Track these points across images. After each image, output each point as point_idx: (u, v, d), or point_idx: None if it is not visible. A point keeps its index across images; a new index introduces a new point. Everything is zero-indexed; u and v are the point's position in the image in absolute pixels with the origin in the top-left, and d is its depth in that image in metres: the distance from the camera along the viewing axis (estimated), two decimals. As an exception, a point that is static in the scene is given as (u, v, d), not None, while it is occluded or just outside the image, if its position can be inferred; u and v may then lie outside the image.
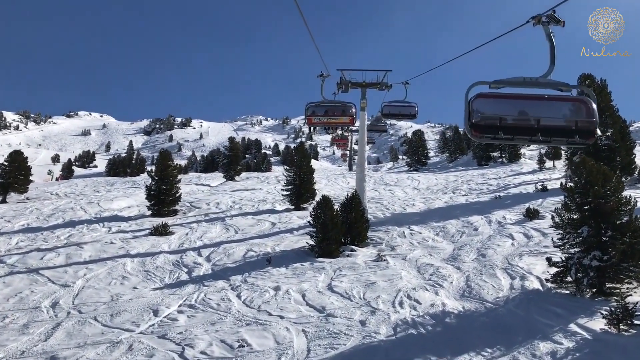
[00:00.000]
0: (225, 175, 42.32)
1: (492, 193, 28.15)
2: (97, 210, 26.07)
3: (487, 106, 6.73)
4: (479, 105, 6.67)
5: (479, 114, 6.65)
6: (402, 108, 20.23)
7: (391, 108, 20.39)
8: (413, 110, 20.47)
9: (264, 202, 26.68)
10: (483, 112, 6.66)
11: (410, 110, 20.28)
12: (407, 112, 20.43)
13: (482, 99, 6.69)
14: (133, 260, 16.31)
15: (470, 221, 19.69)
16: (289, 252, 16.70)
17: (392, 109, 20.36)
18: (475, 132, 6.68)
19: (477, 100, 6.67)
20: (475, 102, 6.66)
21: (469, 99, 6.68)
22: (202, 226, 20.64)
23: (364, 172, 20.80)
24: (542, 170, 36.98)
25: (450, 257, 15.71)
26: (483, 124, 6.64)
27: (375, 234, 18.48)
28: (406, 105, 20.43)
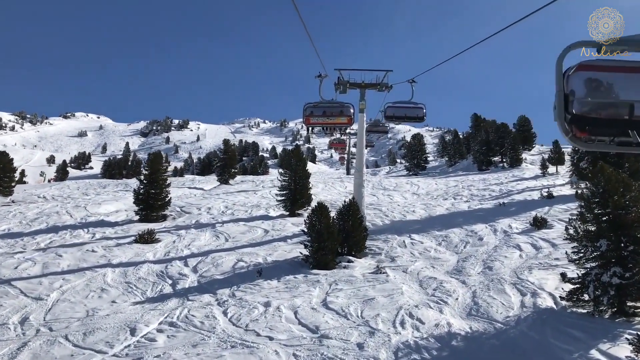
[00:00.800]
0: (219, 179, 41.17)
1: (495, 199, 27.14)
2: (84, 215, 24.96)
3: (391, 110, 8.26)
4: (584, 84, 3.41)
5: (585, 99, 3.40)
6: (408, 110, 17.33)
7: (395, 110, 17.34)
8: (420, 113, 17.27)
9: (257, 207, 25.60)
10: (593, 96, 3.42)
11: (417, 112, 17.19)
12: (414, 114, 17.33)
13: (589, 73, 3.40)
14: (114, 270, 15.23)
15: (474, 230, 18.67)
16: (281, 262, 15.63)
17: (396, 111, 17.29)
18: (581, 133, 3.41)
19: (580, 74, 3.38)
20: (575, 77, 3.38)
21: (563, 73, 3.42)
22: (190, 233, 19.56)
23: (362, 178, 19.76)
24: (545, 175, 36.01)
25: (454, 269, 14.67)
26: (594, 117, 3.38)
27: (374, 243, 17.43)
28: (412, 107, 17.46)
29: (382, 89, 20.39)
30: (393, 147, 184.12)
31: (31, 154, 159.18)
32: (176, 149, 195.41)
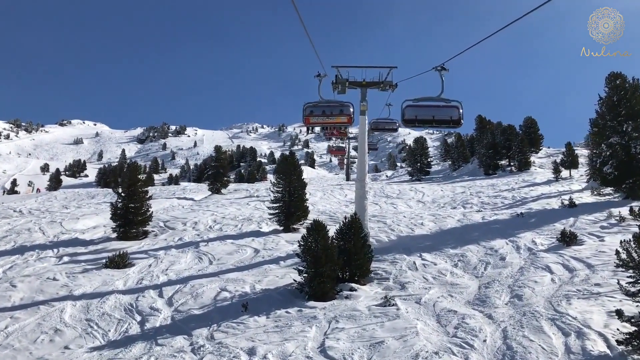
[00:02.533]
0: (210, 188, 38.84)
1: (509, 208, 24.86)
2: (57, 232, 22.63)
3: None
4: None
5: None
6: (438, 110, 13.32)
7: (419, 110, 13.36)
8: (456, 114, 13.32)
9: (249, 220, 23.26)
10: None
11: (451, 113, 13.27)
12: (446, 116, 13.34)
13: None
14: (75, 304, 12.91)
15: (494, 247, 16.34)
16: (272, 291, 13.30)
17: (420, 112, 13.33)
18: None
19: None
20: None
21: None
22: (170, 254, 17.21)
23: (364, 188, 17.45)
24: (559, 180, 33.76)
25: (476, 298, 12.34)
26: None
27: (380, 266, 15.10)
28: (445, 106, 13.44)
29: (386, 88, 18.15)
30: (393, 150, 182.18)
31: (25, 162, 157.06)
32: (173, 155, 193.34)
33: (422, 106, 13.71)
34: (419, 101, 13.70)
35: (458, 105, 13.72)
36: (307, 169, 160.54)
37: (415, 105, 13.68)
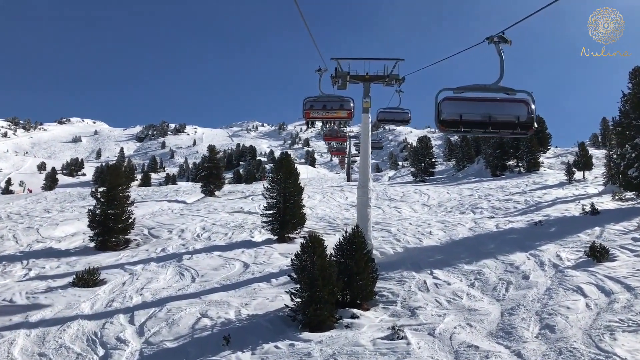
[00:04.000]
0: (203, 190, 36.91)
1: (523, 214, 22.97)
2: (32, 240, 20.79)
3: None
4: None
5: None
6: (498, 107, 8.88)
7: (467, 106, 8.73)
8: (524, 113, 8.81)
9: (240, 228, 21.37)
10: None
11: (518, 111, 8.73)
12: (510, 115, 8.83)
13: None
14: (30, 332, 11.05)
15: (514, 262, 14.44)
16: (260, 318, 11.41)
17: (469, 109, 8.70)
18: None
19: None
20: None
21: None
22: (148, 269, 15.31)
23: (367, 195, 15.56)
24: (572, 182, 31.82)
25: (500, 329, 10.43)
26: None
27: (386, 286, 13.20)
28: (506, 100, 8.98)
29: (392, 82, 16.26)
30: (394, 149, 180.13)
31: (22, 160, 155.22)
32: (172, 153, 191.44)
33: (470, 100, 8.73)
34: (464, 90, 8.73)
35: (527, 98, 8.89)
36: (307, 168, 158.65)
37: (458, 98, 8.73)
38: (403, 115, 19.31)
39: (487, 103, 8.94)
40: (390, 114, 19.25)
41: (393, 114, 19.22)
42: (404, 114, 19.34)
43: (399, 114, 19.26)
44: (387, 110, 19.26)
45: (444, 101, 8.75)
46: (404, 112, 19.34)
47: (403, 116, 19.30)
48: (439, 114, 8.72)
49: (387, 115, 19.27)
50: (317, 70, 15.04)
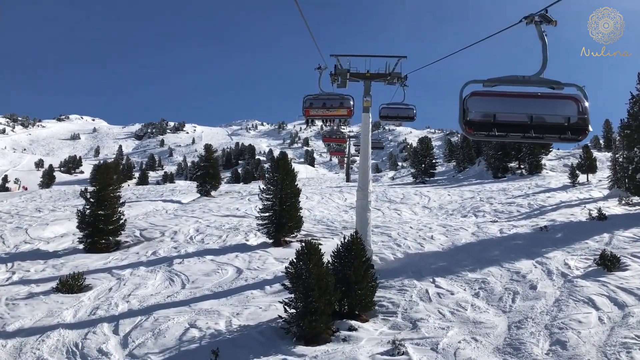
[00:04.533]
0: (199, 190, 36.19)
1: (527, 218, 22.31)
2: (20, 241, 20.10)
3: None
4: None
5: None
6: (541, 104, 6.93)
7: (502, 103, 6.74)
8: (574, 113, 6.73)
9: (235, 230, 20.66)
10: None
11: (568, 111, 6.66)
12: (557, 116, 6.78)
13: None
14: (6, 343, 10.35)
15: (520, 270, 13.76)
16: (252, 330, 10.72)
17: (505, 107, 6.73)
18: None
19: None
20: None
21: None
22: (137, 274, 14.61)
23: (367, 199, 14.88)
24: (576, 185, 31.15)
25: (507, 344, 9.77)
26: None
27: (386, 295, 12.51)
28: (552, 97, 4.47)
29: (393, 80, 15.60)
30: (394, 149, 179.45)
31: (20, 158, 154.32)
32: (171, 152, 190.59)
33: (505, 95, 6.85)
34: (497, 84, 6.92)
35: (578, 94, 7.00)
36: (306, 168, 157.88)
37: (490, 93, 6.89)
38: (407, 112, 17.86)
39: (527, 100, 6.94)
40: (393, 110, 17.85)
41: (397, 109, 17.85)
42: (408, 109, 17.91)
43: (403, 109, 17.88)
44: (391, 106, 17.89)
45: (472, 97, 6.73)
46: (408, 107, 17.94)
47: (408, 112, 17.85)
48: (464, 114, 6.72)
49: (390, 112, 17.84)
50: (317, 68, 14.72)
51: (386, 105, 17.77)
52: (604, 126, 58.81)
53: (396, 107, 17.73)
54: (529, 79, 6.86)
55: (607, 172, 31.97)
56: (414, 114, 17.87)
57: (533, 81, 6.89)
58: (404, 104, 17.76)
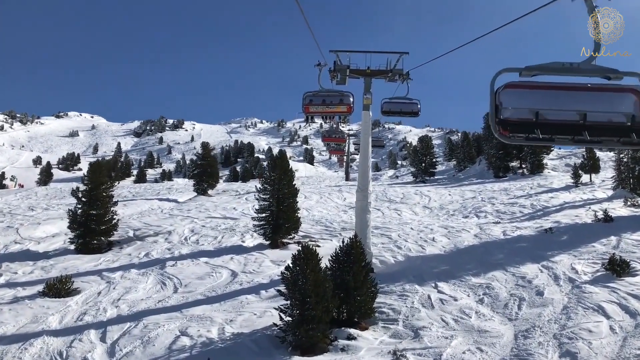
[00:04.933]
0: (196, 189, 35.62)
1: (530, 219, 21.80)
2: (10, 241, 19.57)
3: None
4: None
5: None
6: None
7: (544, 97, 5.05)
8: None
9: (231, 231, 20.13)
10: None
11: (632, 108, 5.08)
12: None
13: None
14: (-13, 351, 9.83)
15: (525, 275, 13.25)
16: (245, 338, 10.21)
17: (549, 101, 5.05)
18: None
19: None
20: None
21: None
22: (128, 277, 14.08)
23: (367, 199, 14.35)
24: (579, 186, 30.62)
25: (514, 355, 9.27)
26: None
27: (386, 301, 12.00)
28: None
29: (395, 77, 15.08)
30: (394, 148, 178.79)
31: (18, 154, 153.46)
32: (169, 149, 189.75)
33: (549, 88, 5.31)
34: (538, 72, 5.38)
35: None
36: (305, 166, 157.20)
37: (530, 85, 5.31)
38: (411, 107, 16.59)
39: (577, 93, 5.51)
40: (396, 105, 16.64)
41: (400, 104, 16.62)
42: (412, 104, 16.64)
43: (406, 104, 16.63)
44: (394, 101, 16.72)
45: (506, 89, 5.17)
46: (412, 102, 16.66)
47: (412, 107, 16.57)
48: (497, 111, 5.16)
49: (393, 106, 16.62)
50: (316, 65, 14.48)
51: (388, 100, 16.56)
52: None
53: (399, 101, 16.53)
54: (579, 67, 5.35)
55: (611, 172, 31.45)
56: (418, 109, 16.50)
57: (583, 69, 5.38)
58: (407, 99, 16.52)
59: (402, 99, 16.25)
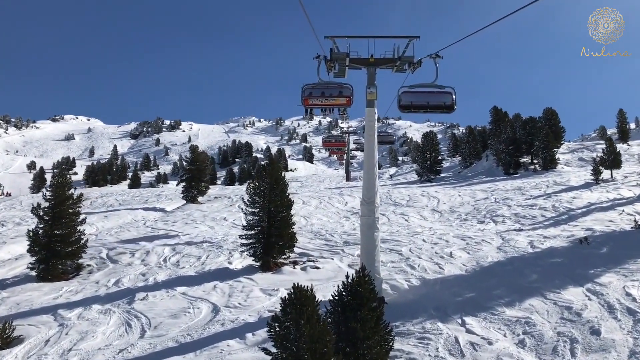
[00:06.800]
0: (184, 196, 33.13)
1: (556, 225, 19.39)
2: (-34, 265, 17.14)
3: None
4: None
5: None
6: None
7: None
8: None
9: (218, 248, 17.69)
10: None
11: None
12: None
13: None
14: None
15: (570, 304, 10.81)
16: (223, 411, 7.79)
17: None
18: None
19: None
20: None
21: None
22: (86, 317, 11.63)
23: (374, 213, 11.91)
24: (599, 183, 28.20)
25: None
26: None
27: (403, 347, 9.55)
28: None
29: (403, 67, 12.64)
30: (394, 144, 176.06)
31: (12, 160, 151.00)
32: (166, 151, 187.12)
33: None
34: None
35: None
36: (305, 164, 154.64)
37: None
38: (443, 97, 12.26)
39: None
40: (421, 96, 12.28)
41: (426, 95, 12.27)
42: (443, 94, 12.28)
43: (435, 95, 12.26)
44: (417, 90, 12.32)
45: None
46: (444, 91, 12.28)
47: (443, 98, 12.25)
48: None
49: (416, 98, 12.27)
50: (315, 57, 13.19)
51: (409, 89, 12.28)
52: (618, 116, 55.39)
53: (426, 90, 12.26)
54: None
55: (633, 167, 29.05)
56: (452, 100, 12.25)
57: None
58: (436, 86, 12.29)
59: (429, 87, 12.32)
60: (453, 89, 12.46)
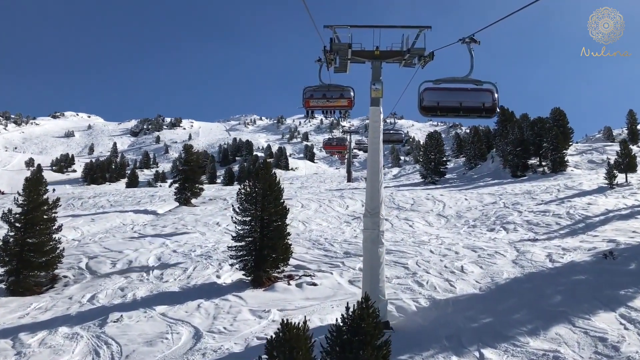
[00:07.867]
0: (177, 198, 31.71)
1: (573, 234, 18.00)
2: None
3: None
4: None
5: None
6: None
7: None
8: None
9: (207, 259, 16.31)
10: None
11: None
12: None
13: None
14: None
15: (604, 333, 9.40)
16: None
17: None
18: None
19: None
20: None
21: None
22: (49, 342, 10.21)
23: (379, 227, 10.50)
24: (614, 187, 26.75)
25: None
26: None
27: (412, 389, 8.13)
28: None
29: (412, 61, 11.23)
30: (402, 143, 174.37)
31: (11, 157, 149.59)
32: (166, 149, 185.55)
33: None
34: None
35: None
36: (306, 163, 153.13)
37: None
38: (482, 97, 9.74)
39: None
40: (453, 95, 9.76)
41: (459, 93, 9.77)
42: (482, 92, 9.77)
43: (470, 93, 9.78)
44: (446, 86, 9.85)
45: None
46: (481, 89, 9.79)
47: (482, 97, 9.73)
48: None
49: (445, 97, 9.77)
50: (317, 60, 12.76)
51: (434, 85, 9.80)
52: (628, 117, 53.79)
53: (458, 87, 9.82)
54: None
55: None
56: (493, 101, 9.75)
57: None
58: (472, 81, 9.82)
59: (461, 82, 9.89)
60: (494, 85, 9.93)
